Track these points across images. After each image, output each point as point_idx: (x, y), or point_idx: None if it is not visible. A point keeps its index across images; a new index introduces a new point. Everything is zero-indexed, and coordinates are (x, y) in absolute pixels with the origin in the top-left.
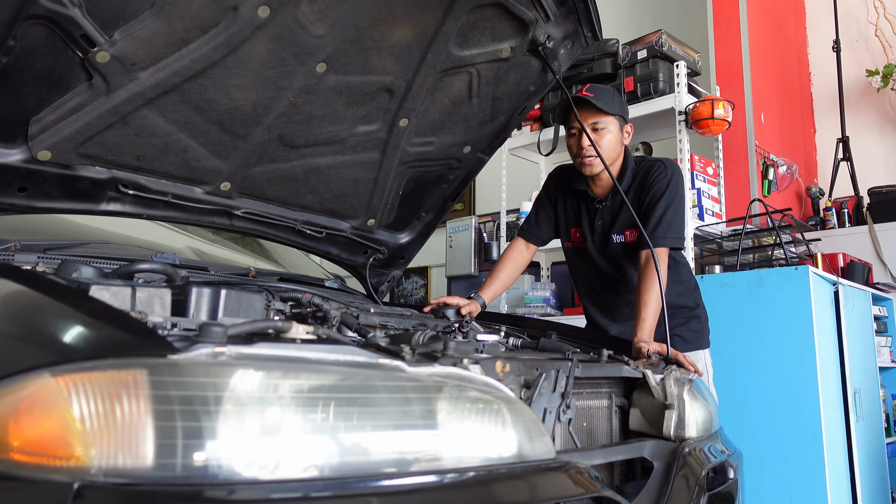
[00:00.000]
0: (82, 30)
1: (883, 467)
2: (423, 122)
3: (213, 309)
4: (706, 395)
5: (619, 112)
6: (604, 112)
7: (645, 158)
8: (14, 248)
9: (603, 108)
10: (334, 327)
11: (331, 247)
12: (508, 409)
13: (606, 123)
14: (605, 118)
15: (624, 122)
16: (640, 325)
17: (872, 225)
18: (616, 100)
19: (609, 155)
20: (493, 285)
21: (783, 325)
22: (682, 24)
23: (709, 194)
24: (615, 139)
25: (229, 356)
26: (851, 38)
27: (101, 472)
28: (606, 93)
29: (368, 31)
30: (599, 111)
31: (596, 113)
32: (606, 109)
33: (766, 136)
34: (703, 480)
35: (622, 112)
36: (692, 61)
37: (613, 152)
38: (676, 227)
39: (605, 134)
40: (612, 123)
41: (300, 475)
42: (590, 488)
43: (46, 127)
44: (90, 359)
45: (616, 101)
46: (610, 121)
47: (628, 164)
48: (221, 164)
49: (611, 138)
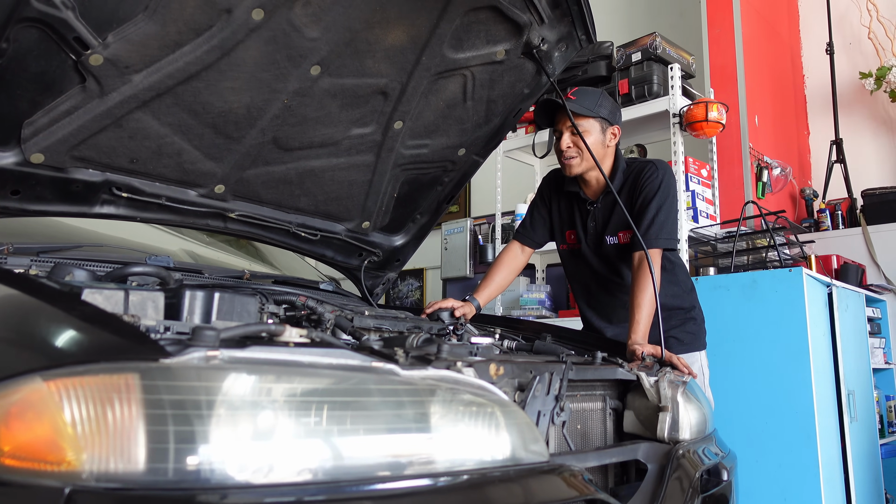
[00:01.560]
0: (75, 32)
1: (877, 468)
2: (418, 125)
3: (207, 312)
4: (700, 397)
5: (599, 114)
6: (579, 115)
7: (636, 160)
8: (7, 252)
9: (576, 111)
10: (328, 330)
11: (325, 249)
12: (502, 412)
13: (584, 125)
14: (583, 121)
15: (608, 125)
16: (633, 327)
17: (866, 227)
18: (601, 102)
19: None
20: (488, 288)
21: (777, 327)
22: (677, 27)
23: (703, 196)
24: (595, 141)
25: (222, 360)
26: (845, 41)
27: (92, 477)
28: (589, 95)
29: (363, 33)
30: (575, 114)
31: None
32: (580, 112)
33: (760, 139)
34: (697, 482)
35: (606, 114)
36: (686, 64)
37: (596, 154)
38: (669, 228)
39: (585, 136)
40: (591, 125)
41: (293, 479)
42: (584, 491)
43: (40, 130)
44: (82, 363)
45: (601, 104)
46: (589, 123)
47: (619, 166)
48: (215, 166)
49: (591, 140)
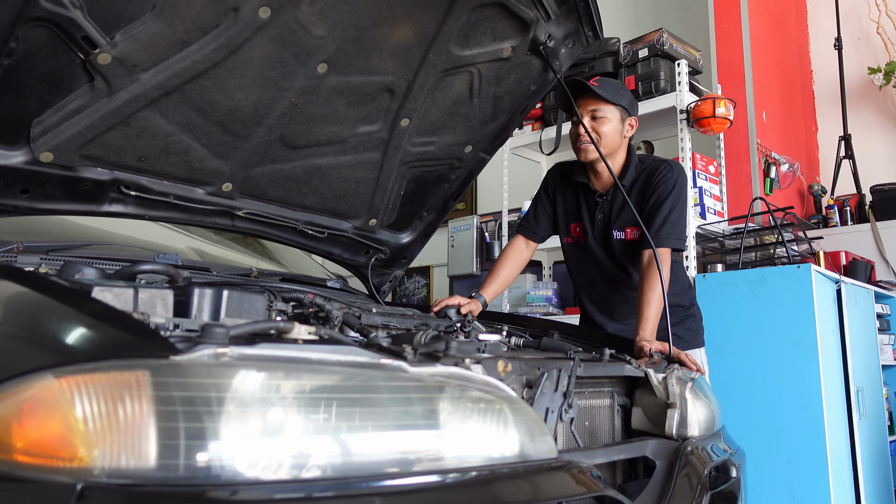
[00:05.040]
0: (84, 31)
1: (886, 465)
2: (425, 122)
3: (216, 310)
4: (708, 393)
5: (621, 103)
6: (604, 100)
7: (650, 157)
8: (17, 250)
9: (603, 96)
10: (336, 328)
11: (333, 247)
12: (510, 409)
13: (606, 112)
14: (605, 107)
15: (627, 115)
16: (642, 324)
17: (875, 223)
18: (622, 92)
19: (608, 144)
20: (493, 284)
21: (785, 324)
22: (684, 23)
23: (710, 193)
24: (615, 129)
25: (231, 357)
26: (853, 36)
27: (104, 473)
28: (612, 84)
29: (369, 31)
30: (600, 99)
31: (596, 100)
32: (607, 98)
33: (768, 134)
34: (706, 479)
35: (626, 104)
36: (693, 60)
37: (613, 142)
38: (680, 229)
39: (605, 122)
40: (613, 113)
41: (303, 475)
42: (592, 487)
43: (48, 129)
44: (93, 360)
45: (621, 94)
46: (610, 110)
47: (632, 161)
48: (223, 164)
49: (611, 128)
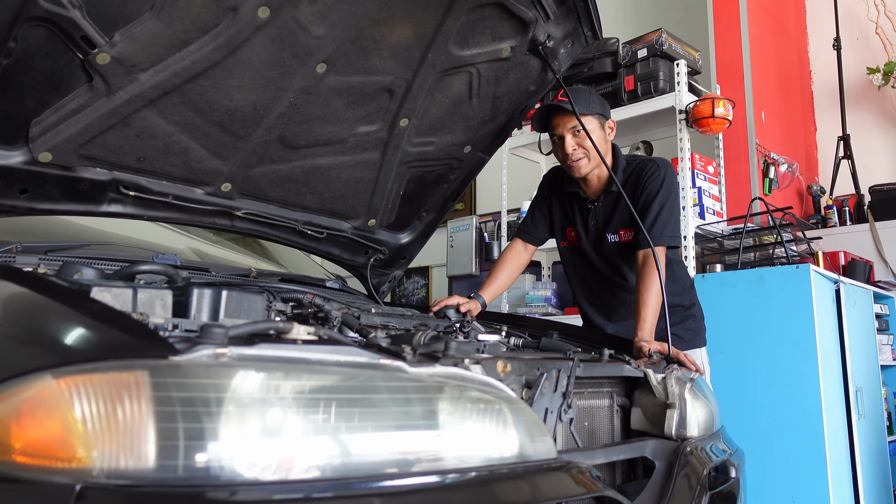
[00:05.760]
0: (82, 31)
1: (885, 465)
2: (424, 122)
3: (215, 310)
4: (707, 394)
5: (596, 111)
6: (581, 113)
7: (636, 157)
8: (15, 250)
9: (579, 111)
10: (335, 328)
11: (332, 247)
12: (510, 409)
13: (586, 124)
14: (583, 119)
15: (605, 119)
16: (640, 324)
17: (874, 223)
18: (593, 98)
19: (597, 155)
20: (492, 285)
21: (784, 324)
22: (683, 23)
23: (709, 193)
24: (599, 138)
25: (231, 357)
26: (852, 36)
27: (102, 474)
28: (581, 93)
29: (368, 31)
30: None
31: (572, 116)
32: (582, 111)
33: (767, 135)
34: (705, 479)
35: (600, 110)
36: (692, 60)
37: (601, 150)
38: (672, 226)
39: (588, 136)
40: (592, 123)
41: (302, 476)
42: (591, 488)
43: (47, 129)
44: (92, 360)
45: (593, 100)
46: (588, 120)
47: (619, 163)
48: (222, 164)
49: (595, 139)
